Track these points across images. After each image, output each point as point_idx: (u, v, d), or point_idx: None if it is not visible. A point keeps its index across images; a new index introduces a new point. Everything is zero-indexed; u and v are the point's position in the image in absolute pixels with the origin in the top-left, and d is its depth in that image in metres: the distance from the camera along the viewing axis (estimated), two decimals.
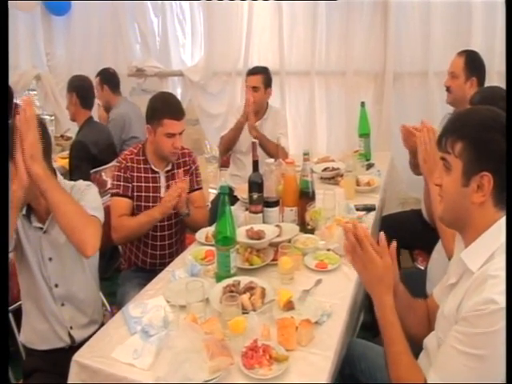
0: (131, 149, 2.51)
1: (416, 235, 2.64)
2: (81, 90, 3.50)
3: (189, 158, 2.55)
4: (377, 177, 2.99)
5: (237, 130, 3.38)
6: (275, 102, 3.70)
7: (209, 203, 3.33)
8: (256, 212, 2.26)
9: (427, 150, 1.98)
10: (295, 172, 2.34)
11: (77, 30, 4.72)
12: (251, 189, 2.27)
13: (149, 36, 4.63)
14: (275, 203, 2.29)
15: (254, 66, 3.58)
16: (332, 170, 3.06)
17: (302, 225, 2.28)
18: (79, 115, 3.54)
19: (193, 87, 4.53)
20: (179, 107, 2.40)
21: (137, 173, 2.43)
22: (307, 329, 1.53)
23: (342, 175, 2.94)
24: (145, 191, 2.43)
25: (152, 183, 2.44)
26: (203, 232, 2.33)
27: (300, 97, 4.20)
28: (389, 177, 3.32)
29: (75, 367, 1.52)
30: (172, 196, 2.29)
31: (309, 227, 2.28)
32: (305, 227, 2.28)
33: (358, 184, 2.84)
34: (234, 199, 2.83)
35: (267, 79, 3.41)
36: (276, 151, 3.12)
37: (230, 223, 1.87)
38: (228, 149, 3.54)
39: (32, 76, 4.86)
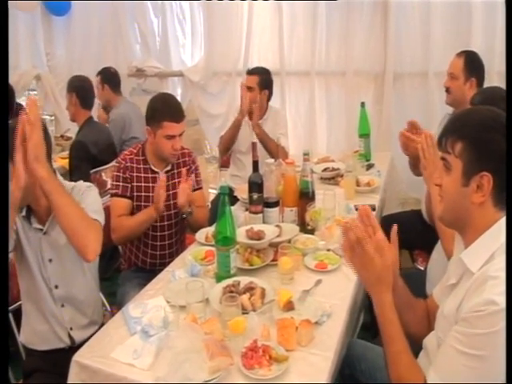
0: (131, 149, 2.51)
1: (416, 235, 2.63)
2: (81, 91, 3.50)
3: (188, 158, 2.55)
4: (377, 177, 2.99)
5: (235, 129, 3.38)
6: (275, 102, 3.70)
7: (209, 203, 3.33)
8: (256, 212, 2.27)
9: (426, 157, 1.97)
10: (295, 172, 2.34)
11: (77, 30, 4.72)
12: (251, 189, 2.27)
13: (149, 36, 4.64)
14: (275, 203, 2.29)
15: (254, 67, 3.57)
16: (332, 171, 3.06)
17: (302, 225, 2.28)
18: (79, 115, 3.54)
19: (193, 87, 4.53)
20: (179, 109, 2.39)
21: (136, 173, 2.43)
22: (307, 329, 1.53)
23: (342, 175, 2.94)
24: (144, 191, 2.43)
25: (152, 183, 2.44)
26: (203, 232, 2.33)
27: (300, 97, 4.20)
28: (389, 177, 3.32)
29: (75, 367, 1.52)
30: (158, 192, 2.24)
31: (309, 227, 2.28)
32: (305, 227, 2.28)
33: (358, 184, 2.84)
34: (234, 199, 2.83)
35: (263, 81, 3.39)
36: (276, 150, 3.12)
37: (230, 223, 1.87)
38: (227, 148, 3.54)
39: (32, 76, 4.86)
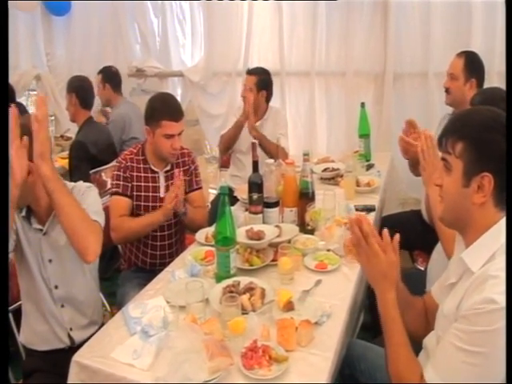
0: (131, 149, 2.51)
1: (416, 236, 2.63)
2: (80, 91, 3.50)
3: (188, 158, 2.55)
4: (377, 177, 2.99)
5: (236, 129, 3.37)
6: (275, 103, 3.70)
7: (209, 204, 3.33)
8: (256, 212, 2.26)
9: (425, 158, 1.97)
10: (295, 172, 2.34)
11: (77, 30, 4.73)
12: (251, 189, 2.27)
13: (149, 36, 4.64)
14: (275, 204, 2.29)
15: (253, 67, 3.56)
16: (332, 171, 3.06)
17: (302, 225, 2.28)
18: (79, 115, 3.54)
19: (193, 88, 4.53)
20: (178, 108, 2.39)
21: (136, 172, 2.43)
22: (307, 329, 1.52)
23: (342, 176, 2.94)
24: (144, 191, 2.43)
25: (151, 183, 2.44)
26: (203, 232, 2.33)
27: (300, 97, 4.21)
28: (389, 177, 3.33)
29: (75, 367, 1.52)
30: (171, 197, 2.29)
31: (309, 228, 2.28)
32: (305, 228, 2.28)
33: (358, 184, 2.84)
34: (234, 200, 2.82)
35: (261, 81, 3.37)
36: (276, 151, 3.11)
37: (230, 224, 1.87)
38: (228, 148, 3.53)
39: (32, 76, 4.86)
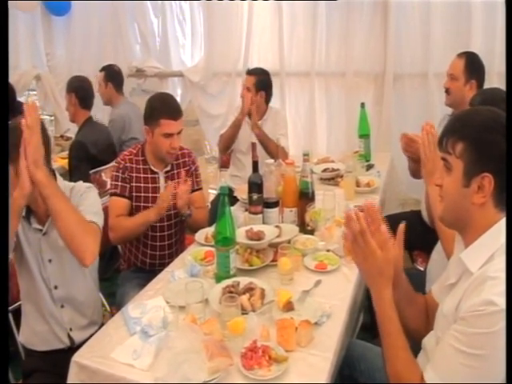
0: (130, 149, 2.51)
1: (416, 236, 2.61)
2: (80, 91, 3.50)
3: (188, 159, 2.55)
4: (376, 178, 2.99)
5: (235, 128, 3.37)
6: (275, 103, 3.69)
7: (208, 204, 3.32)
8: (256, 213, 2.26)
9: (426, 154, 1.97)
10: (295, 173, 2.34)
11: (77, 30, 4.73)
12: (251, 189, 2.26)
13: (149, 36, 4.65)
14: (275, 204, 2.29)
15: (252, 68, 3.56)
16: (332, 171, 3.06)
17: (302, 225, 2.28)
18: (79, 115, 3.54)
19: (193, 88, 4.53)
20: (176, 107, 2.39)
21: (136, 173, 2.43)
22: (307, 330, 1.52)
23: (342, 176, 2.94)
24: (144, 192, 2.43)
25: (151, 184, 2.44)
26: (203, 232, 2.33)
27: (300, 97, 4.21)
28: (388, 178, 3.32)
29: (75, 367, 1.52)
30: (166, 197, 2.28)
31: (308, 228, 2.28)
32: (304, 228, 2.28)
33: (358, 185, 2.84)
34: (234, 200, 2.82)
35: (260, 82, 3.36)
36: (276, 150, 3.12)
37: (230, 224, 1.87)
38: (227, 147, 3.53)
39: (32, 76, 4.87)
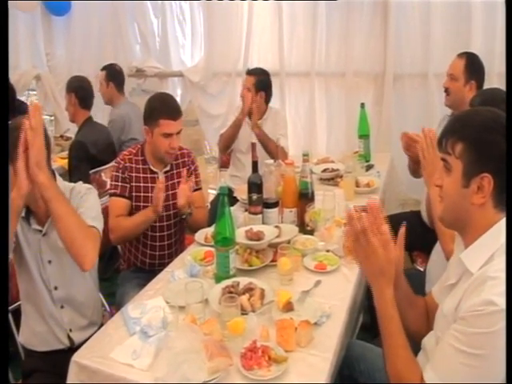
0: (130, 149, 2.51)
1: (415, 236, 2.60)
2: (80, 91, 3.50)
3: (188, 159, 2.55)
4: (376, 178, 2.99)
5: (235, 128, 3.37)
6: (275, 103, 3.69)
7: (208, 204, 3.32)
8: (255, 213, 2.26)
9: (426, 157, 1.96)
10: (295, 173, 2.34)
11: (77, 30, 4.73)
12: (251, 190, 2.26)
13: (149, 36, 4.65)
14: (274, 204, 2.29)
15: (252, 68, 3.56)
16: (331, 171, 3.06)
17: (302, 226, 2.28)
18: (78, 115, 3.54)
19: (193, 88, 4.53)
20: (175, 107, 2.39)
21: (135, 173, 2.43)
22: (306, 330, 1.52)
23: (342, 176, 2.94)
24: (143, 191, 2.43)
25: (150, 183, 2.43)
26: (202, 233, 2.33)
27: (300, 98, 4.21)
28: (388, 178, 3.32)
29: (74, 367, 1.52)
30: (158, 194, 2.24)
31: (308, 228, 2.28)
32: (304, 228, 2.28)
33: (358, 185, 2.84)
34: (234, 200, 2.83)
35: (260, 82, 3.35)
36: (276, 150, 3.12)
37: (230, 224, 1.87)
38: (227, 147, 3.52)
39: (32, 76, 4.87)
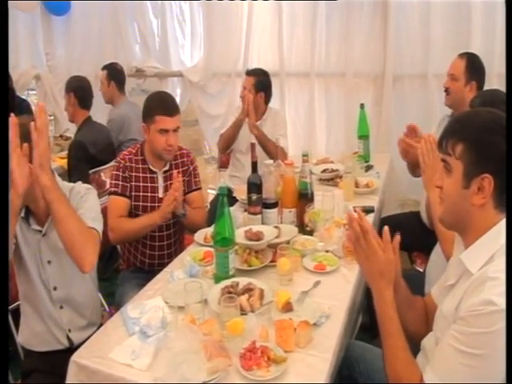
0: (130, 149, 2.51)
1: (415, 237, 2.63)
2: (79, 91, 3.50)
3: (187, 159, 2.55)
4: (376, 178, 2.99)
5: (235, 128, 3.37)
6: (275, 103, 3.69)
7: (208, 204, 3.32)
8: (255, 213, 2.26)
9: (425, 161, 1.97)
10: (294, 173, 2.33)
11: (76, 30, 4.73)
12: (250, 190, 2.26)
13: (148, 36, 4.65)
14: (274, 204, 2.28)
15: (252, 68, 3.56)
16: (331, 172, 3.06)
17: (301, 226, 2.28)
18: (78, 115, 3.54)
19: (192, 88, 4.53)
20: (172, 103, 2.39)
21: (135, 172, 2.43)
22: (305, 330, 1.52)
23: (341, 177, 2.94)
24: (143, 191, 2.42)
25: (150, 183, 2.44)
26: (202, 233, 2.33)
27: (299, 98, 4.20)
28: (388, 178, 3.32)
29: (73, 367, 1.52)
30: (169, 200, 2.28)
31: (308, 228, 2.28)
32: (303, 228, 2.28)
33: (357, 186, 2.84)
34: (233, 200, 2.83)
35: (259, 83, 3.35)
36: (275, 151, 3.12)
37: (229, 224, 1.86)
38: (227, 147, 3.52)
39: (31, 76, 4.87)
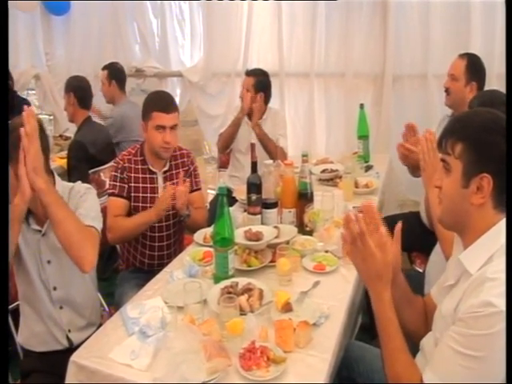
0: (129, 149, 2.50)
1: (414, 237, 2.62)
2: (79, 91, 3.50)
3: (187, 159, 2.55)
4: (375, 179, 2.99)
5: (234, 127, 3.37)
6: (274, 104, 3.69)
7: (207, 204, 3.32)
8: (254, 213, 2.26)
9: (426, 160, 1.97)
10: (294, 173, 2.33)
11: (76, 30, 4.74)
12: (250, 190, 2.26)
13: (148, 36, 4.66)
14: (274, 204, 2.29)
15: (251, 69, 3.56)
16: (331, 172, 3.07)
17: (301, 226, 2.28)
18: (77, 115, 3.54)
19: (192, 88, 4.54)
20: (168, 101, 2.40)
21: (134, 173, 2.42)
22: (305, 330, 1.52)
23: (341, 177, 2.95)
24: (142, 192, 2.42)
25: (149, 184, 2.43)
26: (201, 233, 2.33)
27: (299, 98, 4.21)
28: (387, 179, 3.33)
29: (73, 368, 1.52)
30: (166, 198, 2.29)
31: (307, 229, 2.28)
32: (303, 229, 2.28)
33: (357, 186, 2.84)
34: (233, 200, 2.83)
35: (259, 83, 3.35)
36: (275, 150, 3.12)
37: (229, 224, 1.86)
38: (226, 146, 3.52)
39: (31, 75, 4.87)
